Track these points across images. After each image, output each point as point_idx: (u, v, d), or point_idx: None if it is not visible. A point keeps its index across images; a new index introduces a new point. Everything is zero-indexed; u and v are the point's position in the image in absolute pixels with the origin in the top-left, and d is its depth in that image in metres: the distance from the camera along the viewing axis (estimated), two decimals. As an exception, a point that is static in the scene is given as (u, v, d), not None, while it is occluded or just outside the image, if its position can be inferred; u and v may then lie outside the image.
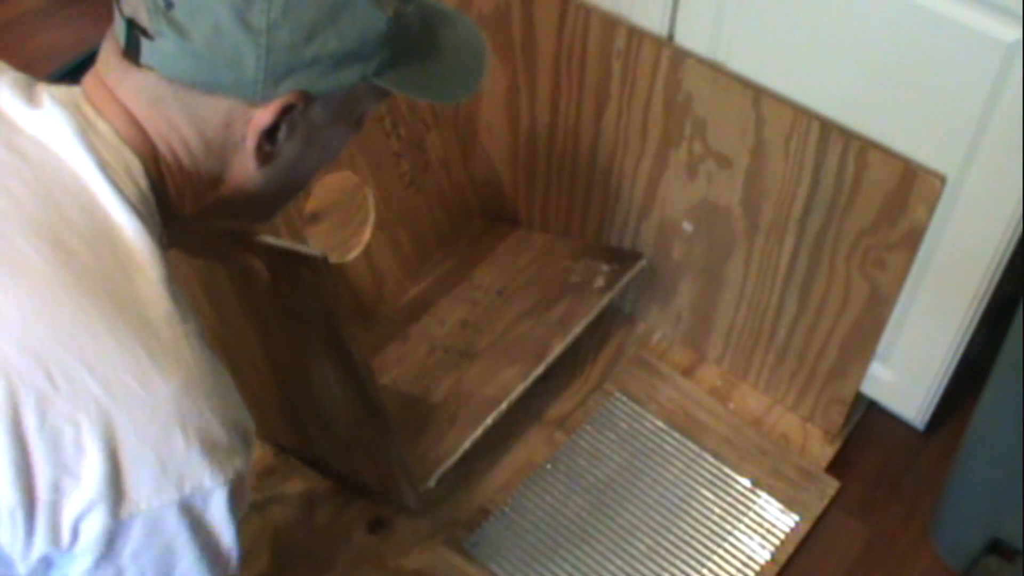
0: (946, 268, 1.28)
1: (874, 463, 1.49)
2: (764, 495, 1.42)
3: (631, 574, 1.35)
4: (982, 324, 1.31)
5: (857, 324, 1.35)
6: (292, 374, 1.25)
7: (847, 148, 1.21)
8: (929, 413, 1.44)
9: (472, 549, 1.36)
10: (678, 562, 1.36)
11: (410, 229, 1.62)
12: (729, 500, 1.42)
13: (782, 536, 1.39)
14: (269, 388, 1.30)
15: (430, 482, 1.30)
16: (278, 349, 1.24)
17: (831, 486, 1.44)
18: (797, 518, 1.40)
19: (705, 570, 1.36)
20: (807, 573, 1.37)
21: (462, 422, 1.37)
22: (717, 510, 1.41)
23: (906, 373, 1.42)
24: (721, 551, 1.37)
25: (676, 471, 1.44)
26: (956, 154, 1.17)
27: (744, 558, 1.37)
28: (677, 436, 1.48)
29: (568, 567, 1.35)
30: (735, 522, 1.40)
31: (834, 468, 1.46)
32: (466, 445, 1.34)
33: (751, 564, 1.36)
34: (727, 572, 1.36)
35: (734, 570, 1.36)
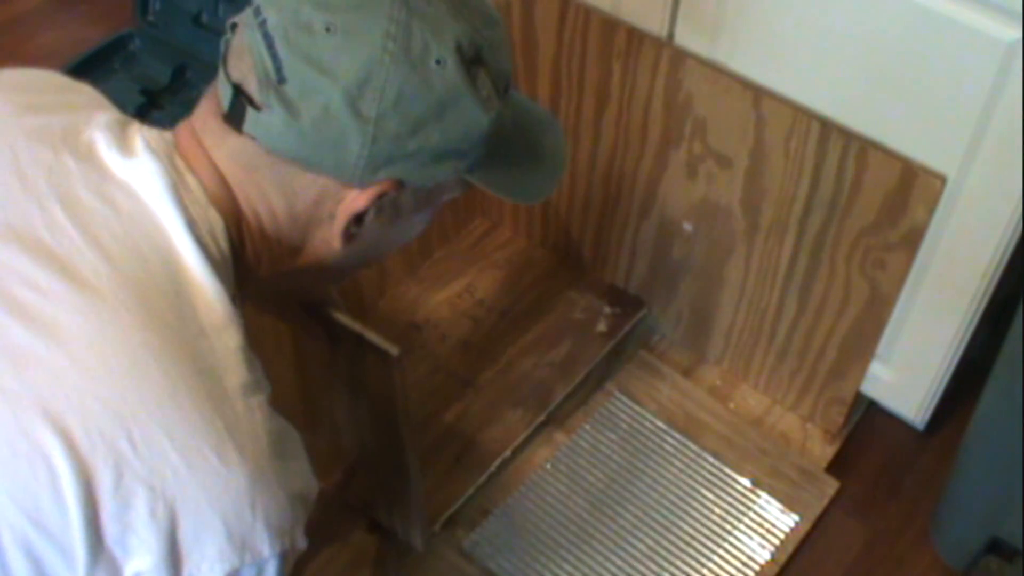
0: (946, 268, 1.28)
1: (874, 463, 1.49)
2: (764, 495, 1.42)
3: (631, 574, 1.35)
4: (982, 324, 1.31)
5: (857, 324, 1.35)
6: (319, 401, 1.23)
7: (847, 148, 1.21)
8: (929, 413, 1.44)
9: (472, 549, 1.36)
10: (678, 562, 1.36)
11: (421, 236, 1.62)
12: (729, 500, 1.42)
13: (782, 536, 1.39)
14: (287, 399, 1.29)
15: (436, 526, 1.34)
16: (311, 382, 1.22)
17: (831, 486, 1.44)
18: (797, 518, 1.40)
19: (705, 570, 1.36)
20: (807, 573, 1.37)
21: (467, 464, 1.41)
22: (717, 510, 1.41)
23: (906, 373, 1.42)
24: (721, 551, 1.37)
25: (676, 471, 1.44)
26: (956, 154, 1.17)
27: (744, 558, 1.37)
28: (677, 436, 1.48)
29: (568, 567, 1.35)
30: (735, 522, 1.40)
31: (834, 468, 1.46)
32: (470, 491, 1.38)
33: (751, 564, 1.36)
34: (727, 572, 1.36)
35: (734, 570, 1.36)
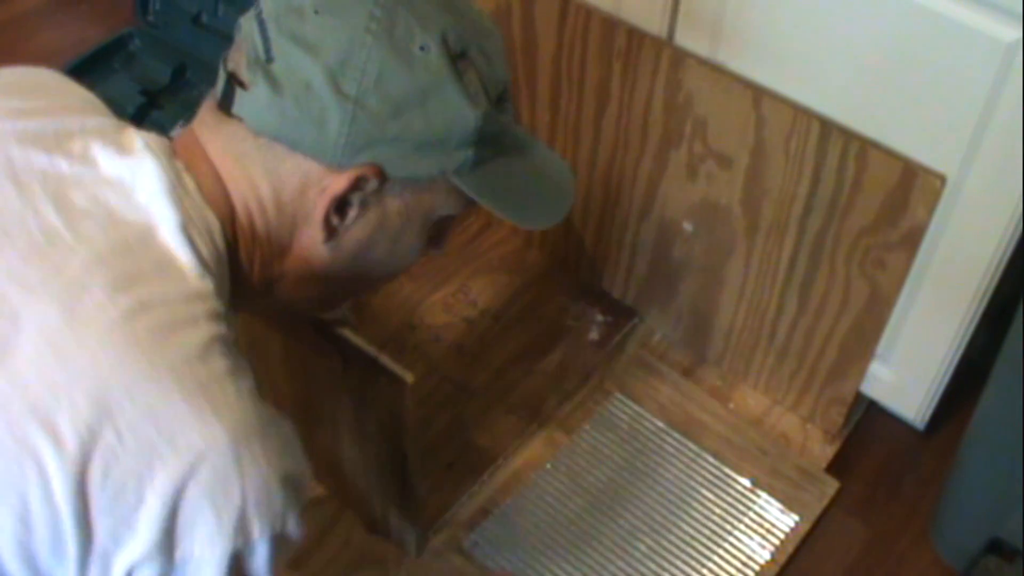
0: (946, 268, 1.28)
1: (874, 463, 1.49)
2: (764, 495, 1.42)
3: (631, 574, 1.35)
4: (982, 324, 1.31)
5: (857, 324, 1.35)
6: (322, 410, 1.23)
7: (847, 148, 1.21)
8: (929, 413, 1.44)
9: (472, 549, 1.36)
10: (678, 562, 1.36)
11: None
12: (729, 500, 1.42)
13: (782, 536, 1.39)
14: (288, 406, 1.29)
15: (429, 532, 1.34)
16: (314, 392, 1.22)
17: (831, 486, 1.44)
18: (797, 518, 1.40)
19: (705, 570, 1.35)
20: (807, 573, 1.37)
21: (459, 471, 1.42)
22: (717, 510, 1.41)
23: (906, 373, 1.42)
24: (721, 551, 1.37)
25: (676, 471, 1.44)
26: (956, 154, 1.17)
27: (744, 558, 1.37)
28: (677, 436, 1.48)
29: (568, 567, 1.35)
30: (735, 522, 1.40)
31: (834, 468, 1.46)
32: (463, 498, 1.39)
33: (751, 564, 1.36)
34: (727, 572, 1.36)
35: (734, 570, 1.36)
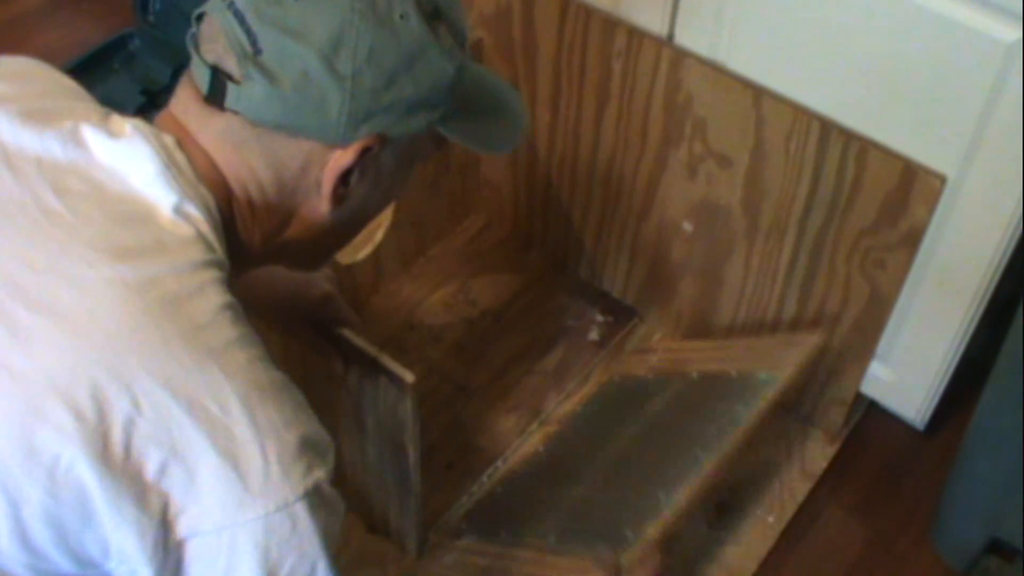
0: (946, 268, 1.28)
1: (874, 463, 1.49)
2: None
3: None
4: (982, 324, 1.31)
5: (857, 324, 1.35)
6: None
7: (847, 148, 1.21)
8: (929, 413, 1.44)
9: (473, 547, 1.35)
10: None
11: (418, 229, 1.63)
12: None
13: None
14: None
15: (429, 532, 1.34)
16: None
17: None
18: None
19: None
20: (807, 573, 1.37)
21: (459, 472, 1.42)
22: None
23: (906, 373, 1.42)
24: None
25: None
26: (956, 154, 1.17)
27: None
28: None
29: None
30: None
31: (834, 468, 1.46)
32: (463, 498, 1.39)
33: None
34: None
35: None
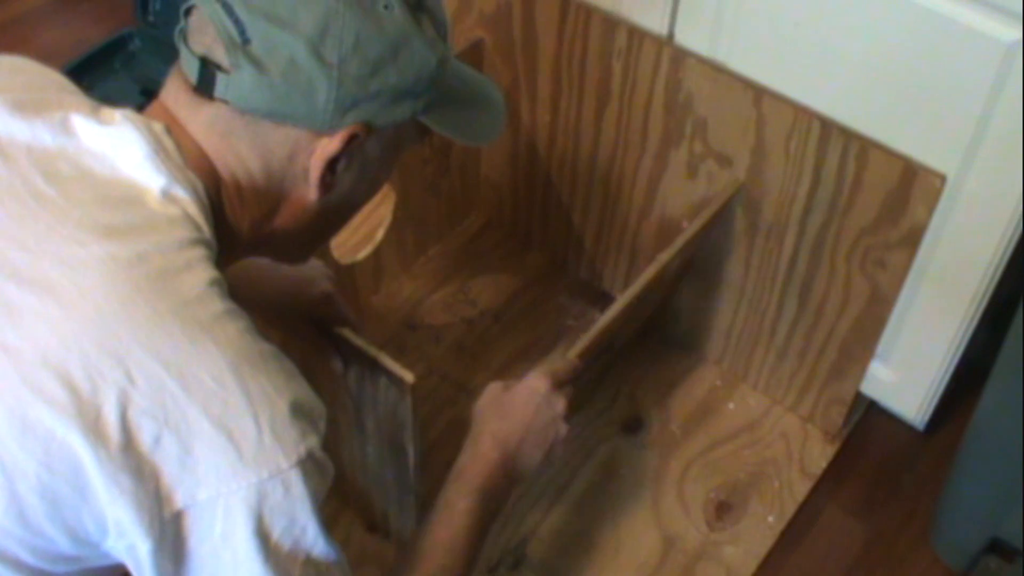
0: (946, 268, 1.28)
1: (874, 463, 1.49)
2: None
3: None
4: (982, 324, 1.31)
5: (857, 324, 1.35)
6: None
7: (847, 147, 1.21)
8: (929, 413, 1.44)
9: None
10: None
11: (418, 229, 1.63)
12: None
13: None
14: None
15: None
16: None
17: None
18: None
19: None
20: (807, 573, 1.37)
21: None
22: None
23: (906, 373, 1.42)
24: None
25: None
26: (956, 154, 1.17)
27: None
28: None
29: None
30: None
31: (834, 468, 1.46)
32: None
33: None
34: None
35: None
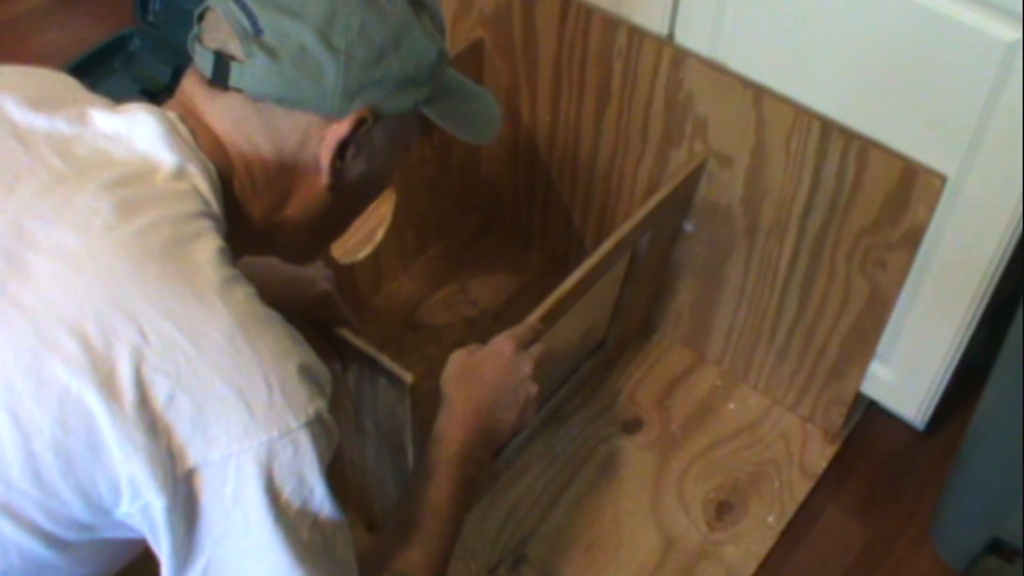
0: (946, 268, 1.28)
1: (874, 463, 1.49)
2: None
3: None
4: (982, 324, 1.31)
5: (857, 324, 1.35)
6: None
7: (848, 147, 1.21)
8: (929, 413, 1.44)
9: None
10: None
11: (418, 228, 1.63)
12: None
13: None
14: None
15: None
16: None
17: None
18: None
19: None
20: (807, 573, 1.37)
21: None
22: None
23: (906, 373, 1.42)
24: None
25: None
26: (956, 154, 1.17)
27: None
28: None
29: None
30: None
31: (834, 468, 1.46)
32: None
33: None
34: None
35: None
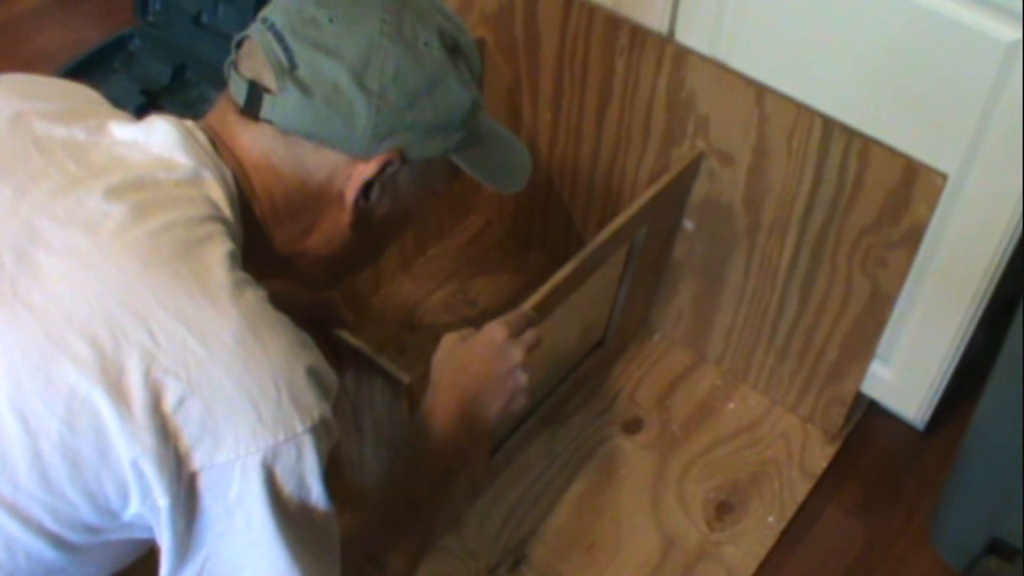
0: (947, 267, 1.28)
1: (874, 463, 1.49)
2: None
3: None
4: (982, 324, 1.31)
5: (858, 323, 1.35)
6: None
7: (849, 146, 1.21)
8: (929, 413, 1.44)
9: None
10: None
11: (418, 229, 1.63)
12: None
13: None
14: None
15: None
16: None
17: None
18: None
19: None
20: (807, 573, 1.37)
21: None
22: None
23: (906, 373, 1.42)
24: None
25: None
26: (957, 153, 1.18)
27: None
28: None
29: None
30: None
31: (834, 468, 1.46)
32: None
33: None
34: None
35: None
